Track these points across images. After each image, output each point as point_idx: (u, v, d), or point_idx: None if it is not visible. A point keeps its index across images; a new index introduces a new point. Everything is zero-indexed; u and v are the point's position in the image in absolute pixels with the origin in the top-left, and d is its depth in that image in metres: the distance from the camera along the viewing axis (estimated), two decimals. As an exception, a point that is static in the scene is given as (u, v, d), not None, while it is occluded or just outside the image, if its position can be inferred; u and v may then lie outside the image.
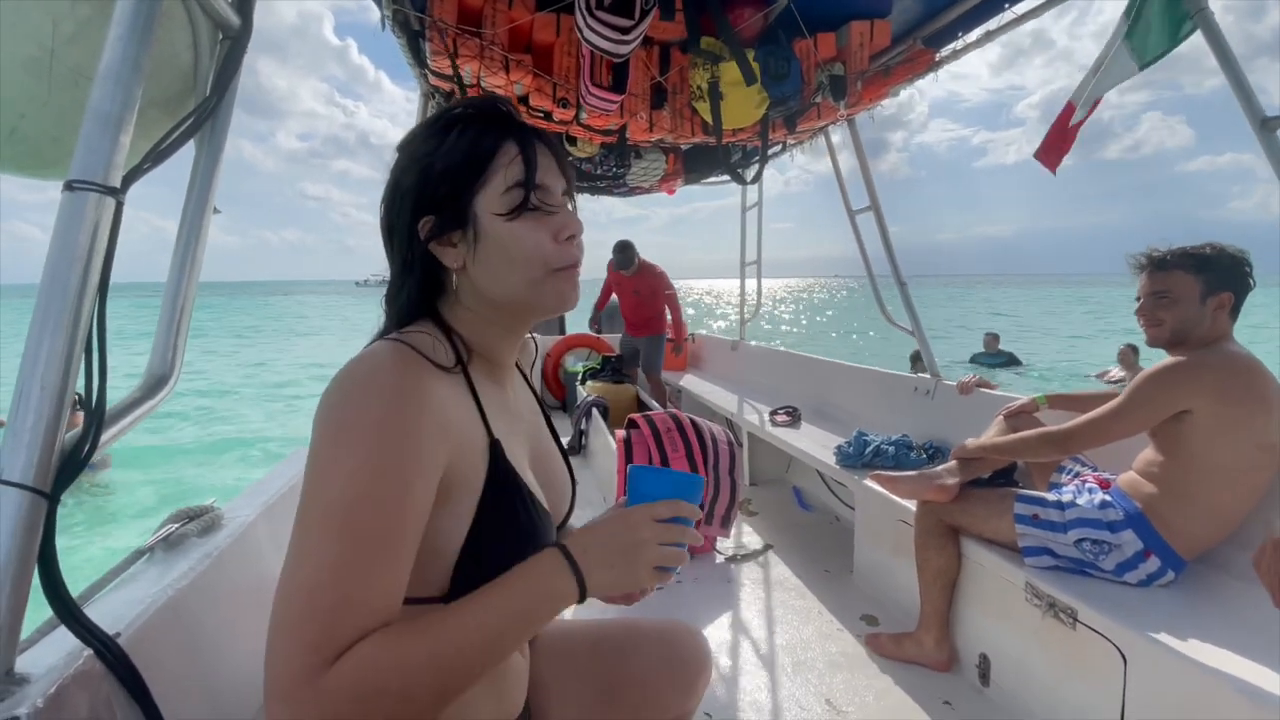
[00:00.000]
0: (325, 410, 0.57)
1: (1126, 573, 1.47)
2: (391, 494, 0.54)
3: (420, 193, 0.65)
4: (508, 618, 0.56)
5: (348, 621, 0.50)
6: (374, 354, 0.60)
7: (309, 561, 0.52)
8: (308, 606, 0.50)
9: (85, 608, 0.66)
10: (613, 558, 0.60)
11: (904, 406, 2.82)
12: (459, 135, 0.65)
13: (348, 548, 0.52)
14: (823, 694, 1.68)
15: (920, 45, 2.26)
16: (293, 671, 0.49)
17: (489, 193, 0.65)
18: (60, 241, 0.64)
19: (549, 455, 0.83)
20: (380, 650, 0.51)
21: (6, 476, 0.59)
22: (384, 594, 0.53)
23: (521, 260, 0.65)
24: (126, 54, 0.70)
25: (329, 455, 0.55)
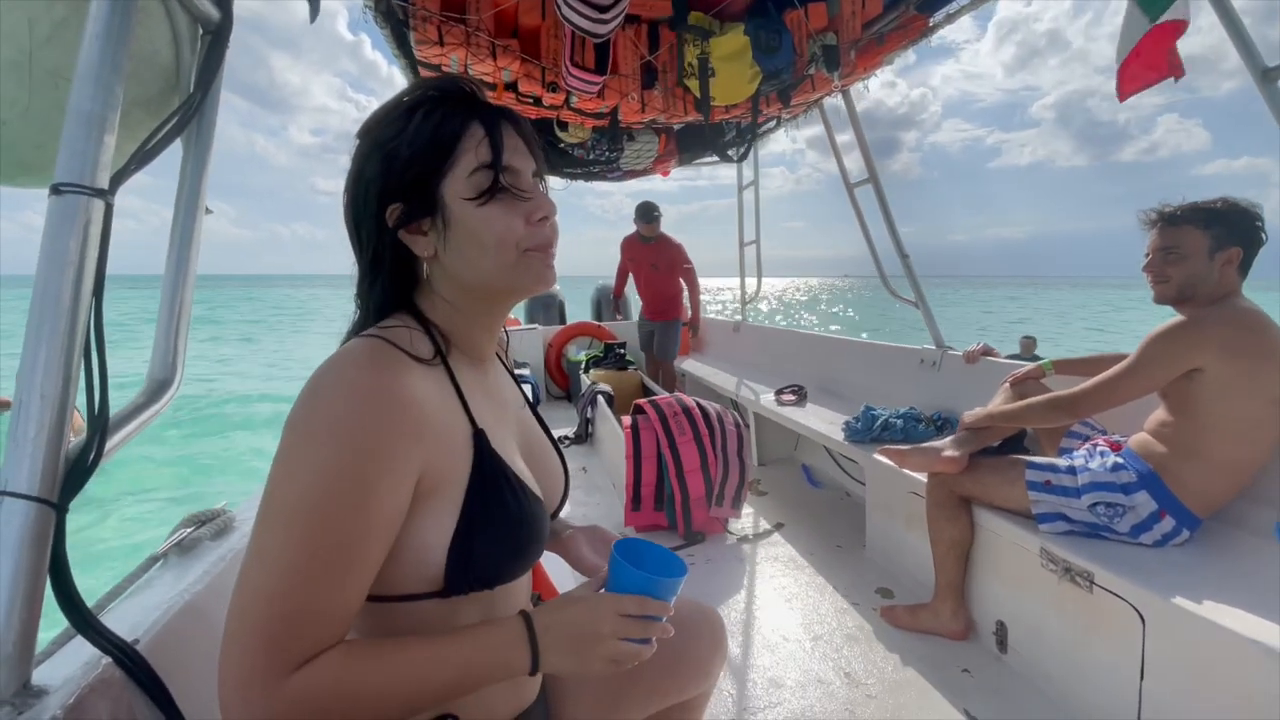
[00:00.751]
0: (297, 409, 0.56)
1: (1142, 534, 1.46)
2: (356, 500, 0.53)
3: (385, 180, 0.63)
4: (459, 674, 0.57)
5: (306, 631, 0.52)
6: (348, 352, 0.59)
7: (271, 565, 0.52)
8: (268, 611, 0.51)
9: (101, 616, 0.65)
10: (571, 644, 0.60)
11: (910, 379, 2.81)
12: (423, 118, 0.63)
13: (310, 555, 0.52)
14: (841, 667, 1.68)
15: (913, 11, 2.22)
16: (250, 671, 0.50)
17: (456, 177, 0.63)
18: (50, 247, 0.62)
19: (538, 443, 0.82)
20: (338, 672, 0.53)
21: (11, 488, 0.58)
22: (343, 603, 0.54)
23: (493, 244, 0.63)
24: (105, 53, 0.68)
25: (296, 456, 0.54)
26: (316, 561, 0.52)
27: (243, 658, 0.50)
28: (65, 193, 0.63)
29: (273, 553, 0.52)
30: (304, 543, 0.52)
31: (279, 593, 0.51)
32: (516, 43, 2.24)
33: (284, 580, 0.51)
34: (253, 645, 0.50)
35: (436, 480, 0.60)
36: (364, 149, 0.65)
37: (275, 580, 0.51)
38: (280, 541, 0.52)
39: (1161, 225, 1.56)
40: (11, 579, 0.57)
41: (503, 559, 0.65)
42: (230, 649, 0.51)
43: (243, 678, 0.50)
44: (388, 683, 0.55)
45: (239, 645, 0.51)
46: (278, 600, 0.51)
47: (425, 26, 2.05)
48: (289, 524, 0.52)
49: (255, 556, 0.53)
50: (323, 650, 0.53)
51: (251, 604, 0.51)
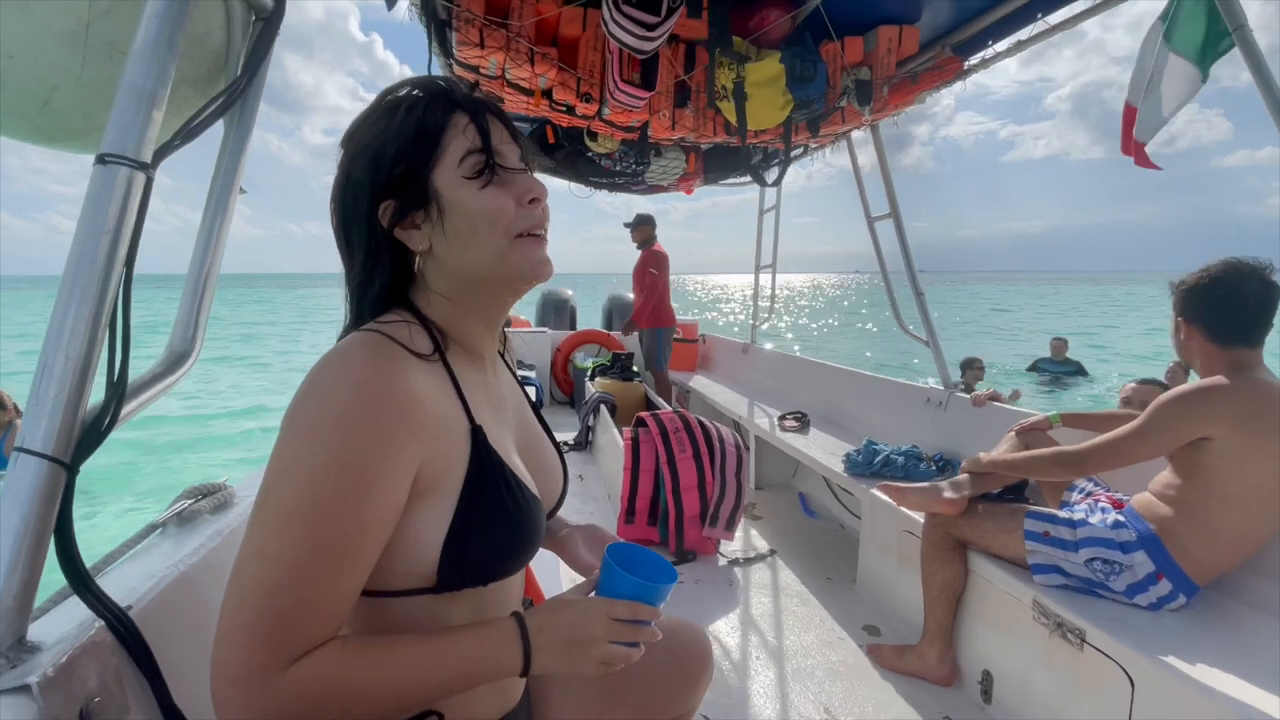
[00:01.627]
0: (296, 404, 0.56)
1: (1137, 595, 1.45)
2: (355, 497, 0.54)
3: (375, 179, 0.63)
4: (452, 672, 0.58)
5: (304, 626, 0.52)
6: (346, 347, 0.59)
7: (269, 560, 0.52)
8: (265, 605, 0.51)
9: (98, 579, 0.66)
10: (563, 646, 0.61)
11: (915, 417, 2.80)
12: (405, 114, 0.63)
13: (309, 551, 0.52)
14: (822, 702, 1.67)
15: (949, 53, 2.24)
16: (246, 666, 0.50)
17: (446, 165, 0.63)
18: (90, 214, 0.64)
19: (537, 442, 0.82)
20: (334, 667, 0.54)
21: (28, 445, 0.59)
22: (339, 599, 0.55)
23: (485, 227, 0.64)
24: (161, 30, 0.71)
25: (295, 450, 0.54)
26: (315, 557, 0.52)
27: (238, 652, 0.51)
28: (110, 163, 0.65)
29: (271, 548, 0.52)
30: (303, 539, 0.52)
31: (277, 587, 0.51)
32: (555, 51, 2.27)
33: (282, 575, 0.52)
34: (249, 640, 0.51)
35: (434, 476, 0.60)
36: (349, 154, 0.65)
37: (273, 575, 0.52)
38: (279, 537, 0.52)
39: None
40: (18, 534, 0.58)
41: (497, 556, 0.65)
42: (225, 642, 0.51)
43: (238, 672, 0.50)
44: (382, 679, 0.55)
45: (235, 639, 0.51)
46: (275, 595, 0.51)
47: (467, 28, 2.09)
48: (288, 520, 0.52)
49: (253, 551, 0.53)
50: (318, 645, 0.54)
51: (249, 598, 0.51)
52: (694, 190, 4.07)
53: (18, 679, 0.53)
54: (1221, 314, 1.48)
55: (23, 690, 0.53)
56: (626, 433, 2.67)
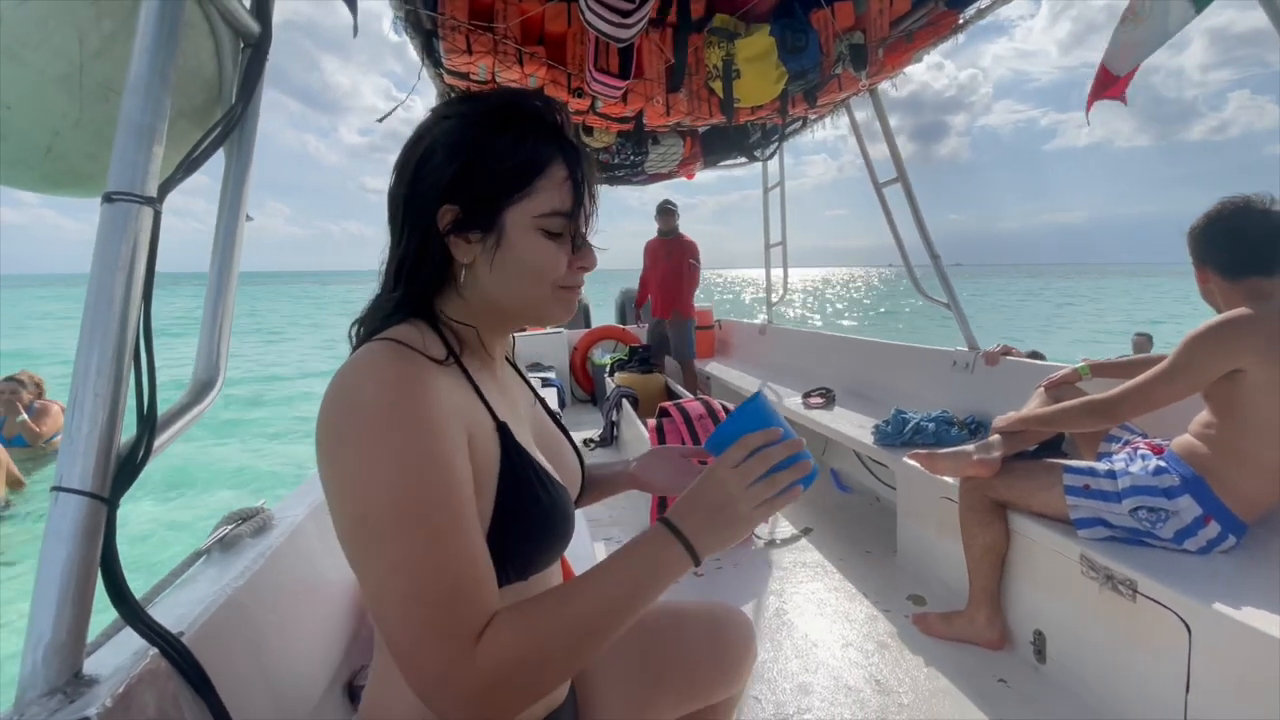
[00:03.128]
0: (337, 426, 0.55)
1: (1186, 540, 1.41)
2: (439, 476, 0.54)
3: (455, 182, 0.63)
4: (628, 590, 0.58)
5: (466, 607, 0.53)
6: (367, 354, 0.58)
7: (404, 567, 0.52)
8: (428, 606, 0.52)
9: (148, 609, 0.68)
10: (712, 520, 0.61)
11: (942, 381, 2.76)
12: (513, 141, 0.63)
13: (430, 542, 0.53)
14: (871, 675, 1.66)
15: (943, 7, 2.19)
16: (441, 665, 0.51)
17: (526, 208, 0.63)
18: (102, 253, 0.65)
19: (553, 435, 0.84)
20: (517, 629, 0.54)
21: (65, 484, 0.60)
22: (483, 566, 0.56)
23: (534, 276, 0.65)
24: (154, 65, 0.71)
25: (362, 469, 0.54)
26: (439, 543, 0.53)
27: (428, 660, 0.51)
28: (117, 200, 0.66)
29: (394, 558, 0.52)
30: (421, 532, 0.53)
31: (425, 587, 0.52)
32: (543, 49, 2.26)
33: (423, 574, 0.52)
34: (430, 643, 0.51)
35: (474, 468, 0.60)
36: (438, 139, 0.64)
37: (416, 578, 0.52)
38: (395, 543, 0.52)
39: None
40: (65, 571, 0.59)
41: (536, 549, 0.66)
42: (413, 662, 0.52)
43: (438, 674, 0.51)
44: (562, 622, 0.56)
45: (420, 652, 0.51)
46: (426, 595, 0.52)
47: (453, 35, 2.09)
48: (395, 525, 0.53)
49: (384, 571, 0.53)
50: (489, 617, 0.54)
51: (409, 611, 0.52)
52: (695, 175, 4.04)
53: (77, 713, 0.55)
54: (1226, 248, 1.47)
55: None
56: (650, 424, 2.67)
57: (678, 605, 0.97)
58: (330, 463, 0.55)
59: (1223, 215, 1.48)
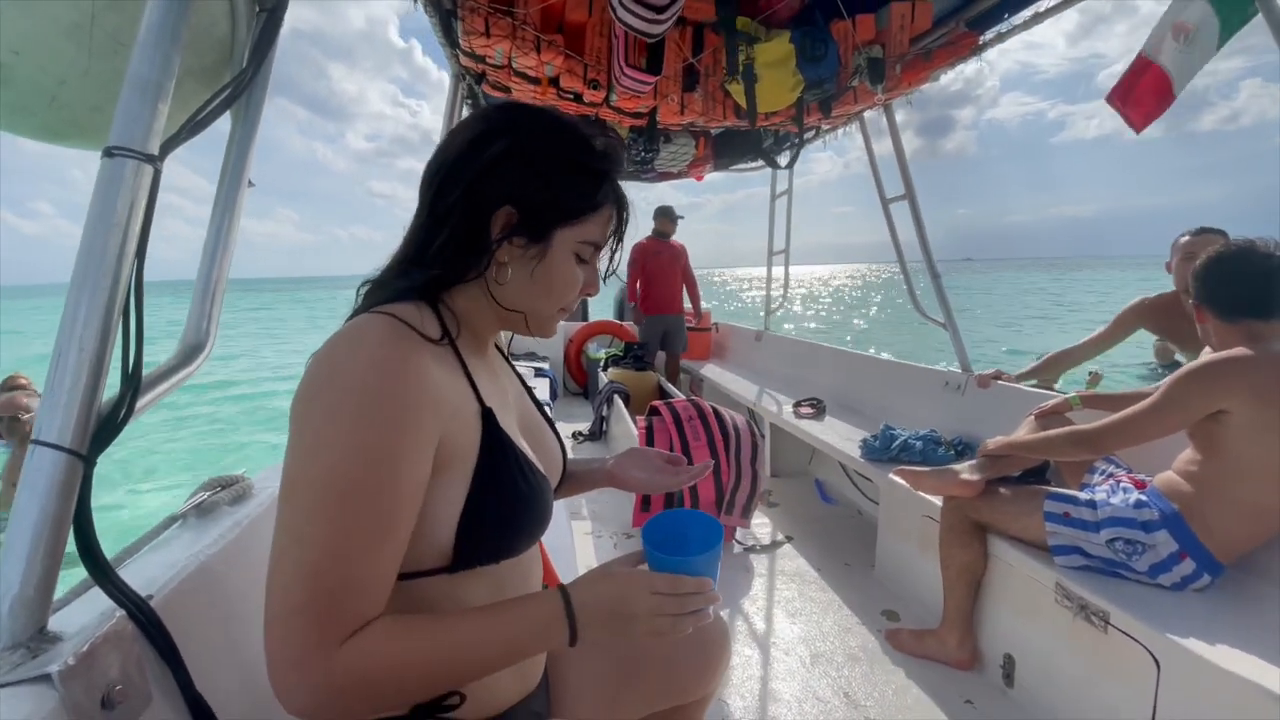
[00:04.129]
0: (313, 386, 0.56)
1: (1160, 575, 1.42)
2: (386, 473, 0.55)
3: (525, 191, 0.66)
4: (501, 646, 0.60)
5: (351, 604, 0.54)
6: (359, 327, 0.59)
7: (310, 544, 0.53)
8: (313, 588, 0.52)
9: (119, 570, 0.67)
10: (607, 620, 0.62)
11: (933, 401, 2.76)
12: (584, 174, 0.68)
13: (346, 530, 0.53)
14: (841, 687, 1.66)
15: (963, 28, 2.19)
16: (301, 648, 0.52)
17: (574, 232, 0.68)
18: (99, 207, 0.64)
19: (537, 424, 0.85)
20: (385, 643, 0.55)
21: (44, 438, 0.60)
22: (382, 574, 0.56)
23: (551, 294, 0.70)
24: (165, 21, 0.70)
25: (320, 432, 0.54)
26: (354, 537, 0.53)
27: (291, 635, 0.52)
28: (117, 155, 0.65)
29: (309, 532, 0.53)
30: (340, 520, 0.53)
31: (321, 569, 0.52)
32: (561, 38, 2.25)
33: (324, 556, 0.52)
34: (300, 622, 0.52)
35: (449, 454, 0.61)
36: (520, 141, 0.66)
37: (316, 558, 0.52)
38: (316, 520, 0.53)
39: None
40: (37, 526, 0.58)
41: (509, 534, 0.66)
42: (277, 628, 0.52)
43: (294, 654, 0.52)
44: (433, 654, 0.56)
45: (286, 623, 0.52)
46: (320, 576, 0.52)
47: (473, 18, 2.07)
48: (323, 502, 0.53)
49: (292, 537, 0.53)
50: (366, 622, 0.55)
51: (294, 582, 0.52)
52: (704, 177, 4.03)
53: (39, 668, 0.54)
54: (1225, 290, 1.48)
55: (44, 679, 0.54)
56: (640, 421, 2.67)
57: None
58: (295, 418, 0.56)
59: (1224, 258, 1.49)
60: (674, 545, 0.69)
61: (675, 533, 0.72)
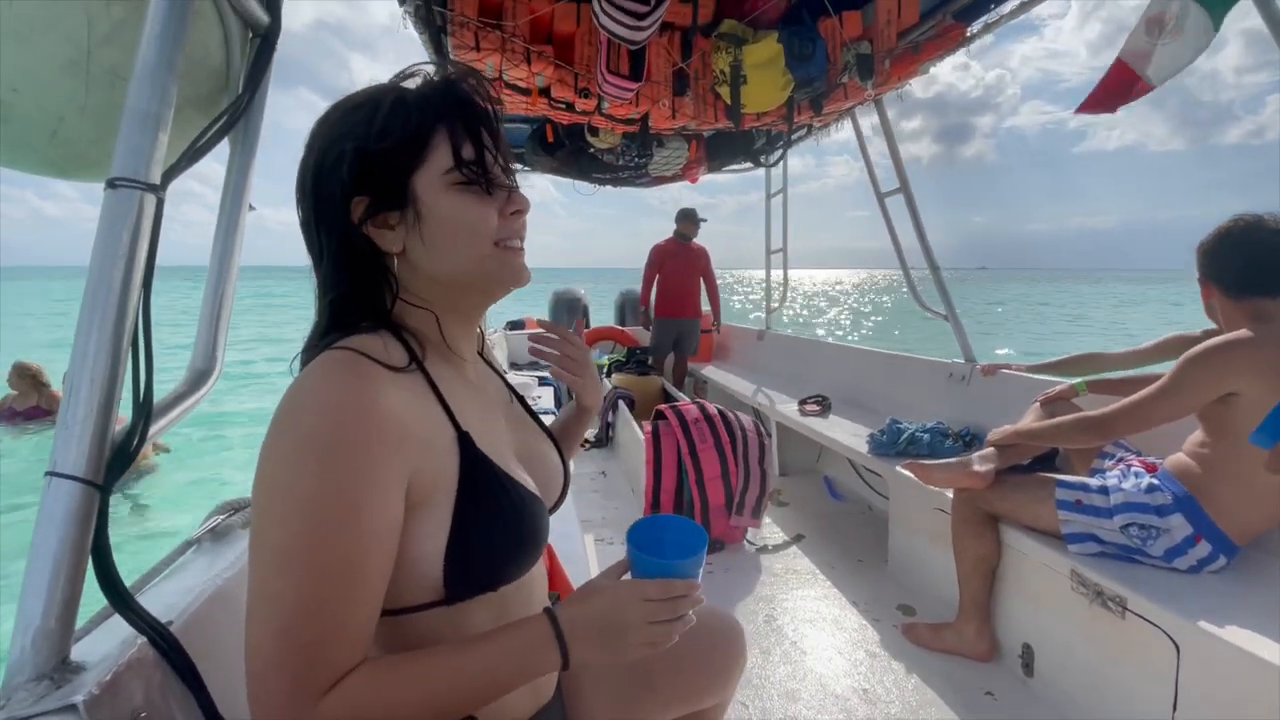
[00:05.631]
0: (272, 433, 0.54)
1: (1176, 558, 1.42)
2: (347, 522, 0.52)
3: (353, 173, 0.60)
4: (489, 679, 0.57)
5: (326, 657, 0.52)
6: (317, 369, 0.56)
7: (276, 601, 0.51)
8: (285, 645, 0.50)
9: (137, 597, 0.67)
10: (600, 637, 0.60)
11: (938, 393, 2.76)
12: (393, 107, 0.61)
13: (314, 584, 0.51)
14: (859, 684, 1.66)
15: (950, 20, 2.20)
16: (280, 707, 0.50)
17: (430, 169, 0.61)
18: (104, 238, 0.65)
19: (533, 440, 0.80)
20: (370, 691, 0.53)
21: (59, 469, 0.60)
22: (357, 624, 0.54)
23: (466, 236, 0.63)
24: (161, 52, 0.71)
25: (278, 484, 0.53)
26: (320, 591, 0.51)
27: (269, 694, 0.50)
28: (120, 187, 0.66)
29: (275, 588, 0.51)
30: (304, 574, 0.51)
31: (292, 626, 0.51)
32: (551, 49, 2.26)
33: (294, 613, 0.51)
34: (276, 679, 0.50)
35: (425, 488, 0.58)
36: (325, 140, 0.62)
37: (285, 615, 0.51)
38: (280, 576, 0.51)
39: None
40: (55, 557, 0.59)
41: (500, 560, 0.63)
42: (254, 687, 0.51)
43: (274, 713, 0.50)
44: (418, 695, 0.55)
45: (263, 682, 0.50)
46: (292, 633, 0.51)
47: (462, 31, 2.09)
48: (285, 557, 0.51)
49: (259, 593, 0.52)
50: (346, 672, 0.53)
51: (266, 639, 0.51)
52: (699, 179, 4.04)
53: (64, 699, 0.54)
54: (1231, 265, 1.47)
55: (69, 710, 0.54)
56: (646, 426, 2.67)
57: None
58: (257, 471, 0.54)
59: (1232, 232, 1.47)
60: (657, 550, 0.67)
61: (658, 538, 0.70)
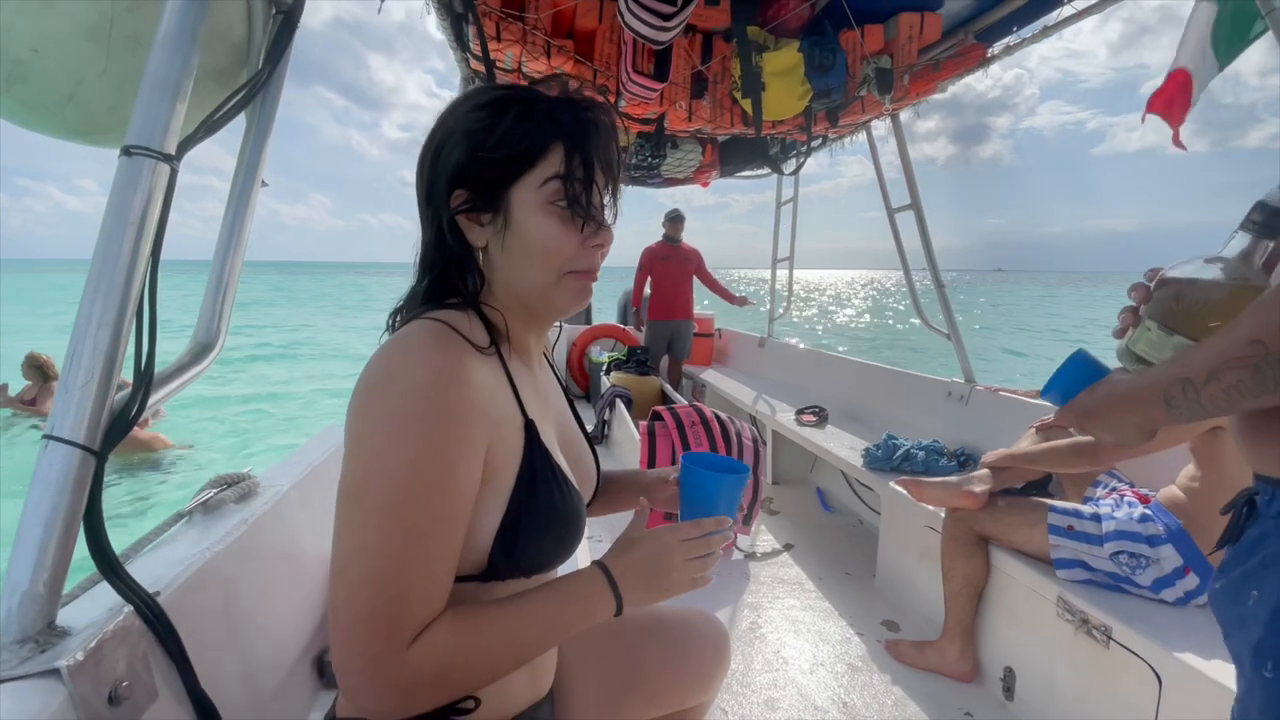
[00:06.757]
0: (369, 395, 0.57)
1: (1164, 589, 1.42)
2: (444, 482, 0.56)
3: (463, 168, 0.65)
4: (552, 625, 0.63)
5: (415, 609, 0.55)
6: (413, 335, 0.60)
7: (374, 552, 0.54)
8: (378, 596, 0.54)
9: (126, 566, 0.67)
10: (648, 580, 0.67)
11: (936, 411, 2.76)
12: (516, 119, 0.64)
13: (408, 539, 0.54)
14: (839, 696, 1.66)
15: (972, 40, 2.20)
16: (372, 655, 0.53)
17: (529, 184, 0.64)
18: (116, 205, 0.64)
19: (575, 438, 0.84)
20: (449, 640, 0.57)
21: (57, 433, 0.60)
22: (443, 579, 0.58)
23: (541, 256, 0.65)
24: (184, 22, 0.71)
25: (380, 444, 0.55)
26: (415, 544, 0.55)
27: (362, 643, 0.53)
28: (135, 154, 0.65)
29: (372, 541, 0.54)
30: (401, 528, 0.54)
31: (387, 576, 0.54)
32: (571, 44, 2.26)
33: (388, 566, 0.54)
34: (369, 630, 0.53)
35: (494, 465, 0.62)
36: (447, 129, 0.66)
37: (380, 566, 0.54)
38: (378, 529, 0.54)
39: None
40: (48, 521, 0.59)
41: (544, 549, 0.67)
42: (346, 637, 0.53)
43: (366, 662, 0.53)
44: (493, 642, 0.59)
45: (354, 633, 0.53)
46: (387, 584, 0.54)
47: (484, 21, 2.09)
48: (385, 512, 0.54)
49: (356, 546, 0.54)
50: (429, 623, 0.56)
51: (360, 592, 0.54)
52: (710, 183, 4.04)
53: (47, 663, 0.54)
54: None
55: (52, 674, 0.54)
56: (643, 426, 2.67)
57: (657, 610, 0.97)
58: (352, 426, 0.57)
59: None
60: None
61: (707, 463, 0.80)
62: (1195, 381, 0.56)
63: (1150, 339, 0.66)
